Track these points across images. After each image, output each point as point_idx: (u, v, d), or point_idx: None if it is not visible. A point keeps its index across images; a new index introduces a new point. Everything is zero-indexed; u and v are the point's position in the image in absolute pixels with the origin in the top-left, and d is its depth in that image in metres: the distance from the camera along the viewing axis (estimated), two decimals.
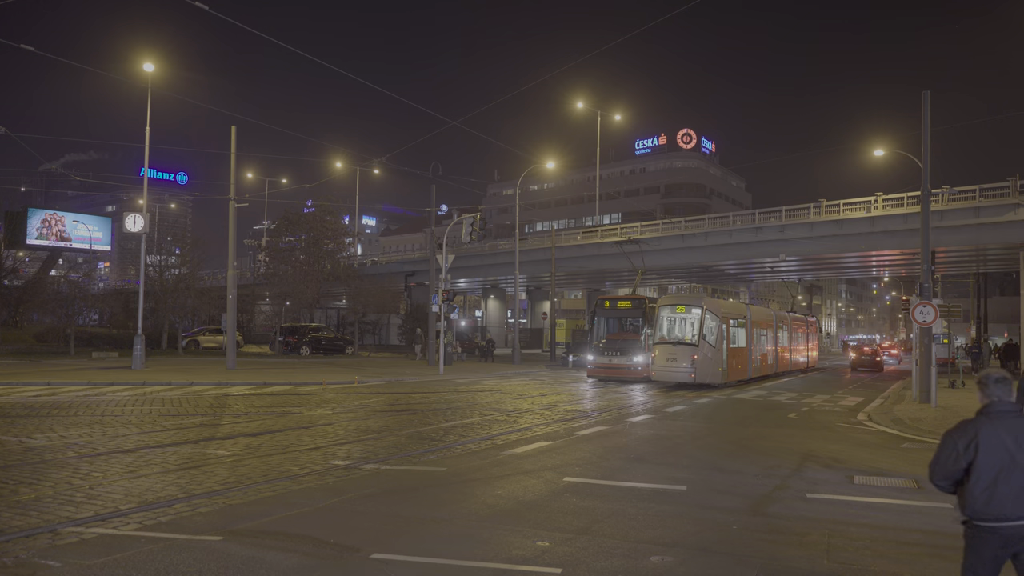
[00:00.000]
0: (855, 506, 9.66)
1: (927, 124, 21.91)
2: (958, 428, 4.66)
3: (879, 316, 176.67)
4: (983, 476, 4.48)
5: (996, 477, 4.46)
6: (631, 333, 32.23)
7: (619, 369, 31.27)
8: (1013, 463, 4.46)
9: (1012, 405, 4.66)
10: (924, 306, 20.20)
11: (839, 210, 47.54)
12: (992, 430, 4.54)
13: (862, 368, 49.20)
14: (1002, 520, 4.44)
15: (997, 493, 4.45)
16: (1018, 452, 4.48)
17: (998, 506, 4.45)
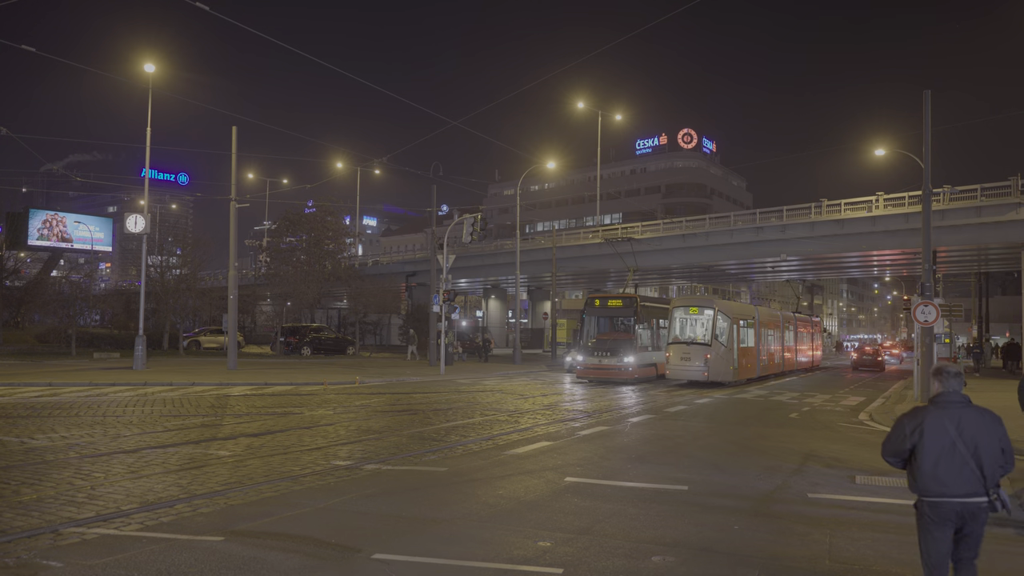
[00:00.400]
0: (857, 506, 9.66)
1: (928, 123, 21.90)
2: (910, 413, 5.35)
3: (880, 316, 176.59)
4: (928, 457, 5.14)
5: (939, 458, 5.11)
6: (622, 333, 31.22)
7: (609, 370, 29.94)
8: (954, 447, 5.10)
9: (961, 396, 5.26)
10: (925, 305, 20.19)
11: (840, 210, 47.54)
12: (937, 417, 5.18)
13: (863, 368, 49.16)
14: (945, 496, 5.09)
15: (939, 472, 5.09)
16: (958, 438, 5.10)
17: (941, 483, 5.10)
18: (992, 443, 5.13)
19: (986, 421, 5.22)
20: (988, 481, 5.09)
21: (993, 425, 5.21)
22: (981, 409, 5.28)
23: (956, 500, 5.10)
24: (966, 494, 5.08)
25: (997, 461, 5.12)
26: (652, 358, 32.13)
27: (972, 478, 5.09)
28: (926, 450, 5.15)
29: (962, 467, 5.10)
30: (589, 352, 30.59)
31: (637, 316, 30.66)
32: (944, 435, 5.14)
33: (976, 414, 5.23)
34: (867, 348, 55.21)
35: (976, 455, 5.10)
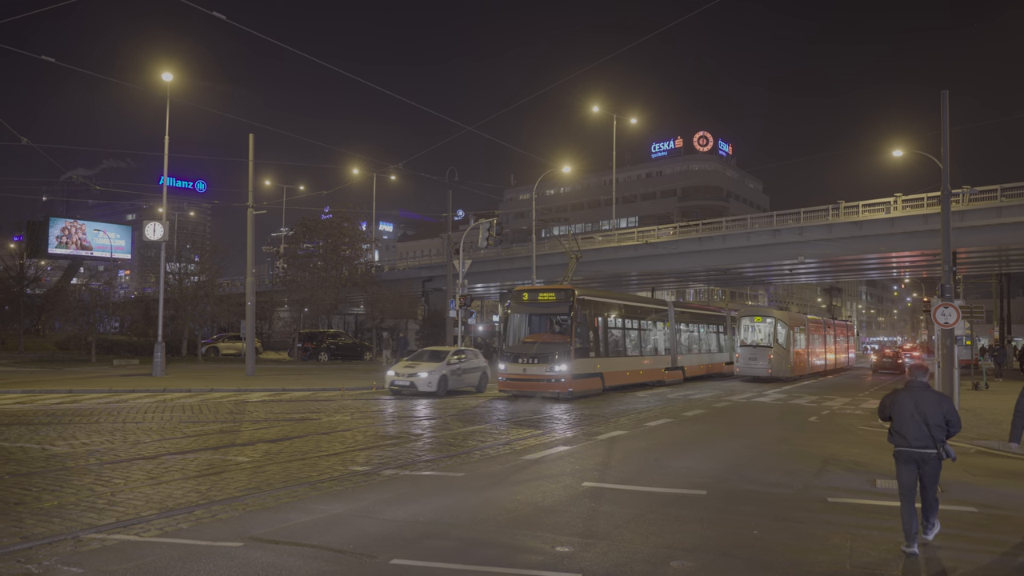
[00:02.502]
0: (878, 510, 9.57)
1: (946, 124, 21.71)
2: (890, 393, 8.28)
3: (900, 318, 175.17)
4: (897, 421, 7.97)
5: (903, 422, 7.90)
6: (556, 335, 25.28)
7: (536, 382, 23.93)
8: (912, 415, 7.84)
9: (922, 383, 8.08)
10: (946, 307, 19.99)
11: (858, 211, 47.21)
12: (905, 396, 8.01)
13: (884, 370, 48.79)
14: (907, 447, 7.88)
15: (903, 430, 7.89)
16: (915, 410, 7.84)
17: (903, 438, 7.89)
18: (937, 414, 7.79)
19: (937, 400, 7.92)
20: (935, 439, 7.76)
21: (941, 402, 7.89)
22: (935, 392, 8.04)
23: (913, 450, 7.84)
24: (921, 446, 7.79)
25: (940, 426, 7.77)
26: (597, 366, 26.15)
27: (923, 436, 7.78)
28: (897, 417, 7.97)
29: (918, 428, 7.81)
30: (511, 359, 24.63)
31: (574, 313, 24.66)
32: (906, 407, 7.92)
33: (931, 395, 7.96)
34: (887, 351, 54.76)
35: (926, 421, 7.78)
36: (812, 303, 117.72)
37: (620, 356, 28.70)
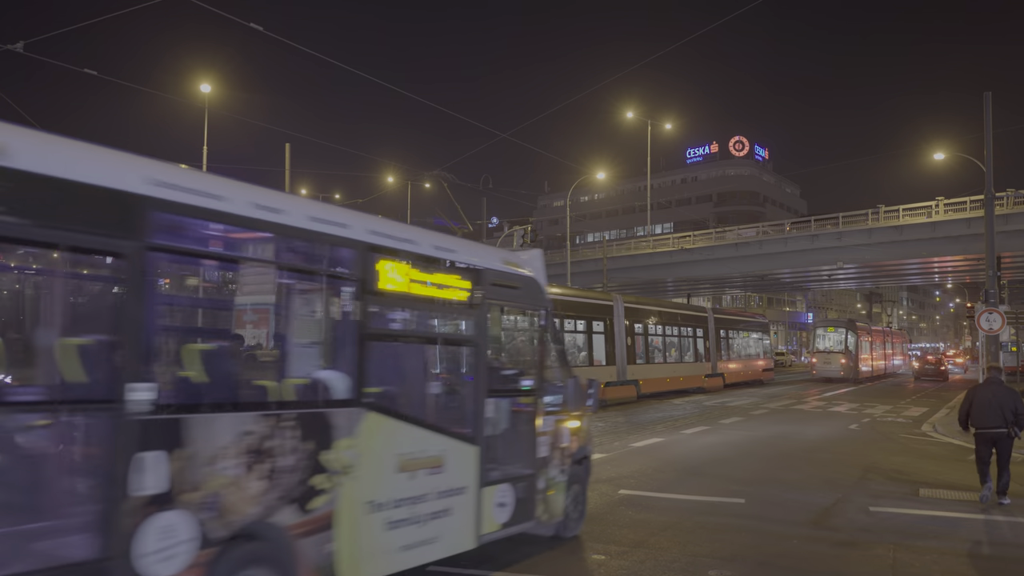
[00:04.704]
0: (921, 520, 9.37)
1: (989, 125, 21.31)
2: (970, 389, 10.74)
3: (943, 324, 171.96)
4: (977, 408, 10.27)
5: (982, 409, 10.20)
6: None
7: None
8: (990, 403, 10.14)
9: (998, 380, 10.63)
10: (990, 313, 19.59)
11: (898, 216, 46.46)
12: (984, 389, 10.47)
13: (926, 377, 47.94)
14: (985, 428, 10.20)
15: (984, 416, 10.18)
16: (993, 398, 10.16)
17: (984, 422, 10.19)
18: (1009, 403, 10.12)
19: (1010, 392, 10.36)
20: (1008, 421, 10.02)
21: (1013, 395, 10.29)
22: (1009, 387, 10.69)
23: (990, 430, 10.16)
24: (995, 426, 10.09)
25: (1012, 412, 10.05)
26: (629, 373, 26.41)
27: (999, 419, 10.06)
28: (976, 404, 10.30)
29: (994, 413, 10.09)
30: None
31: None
32: (985, 397, 10.25)
33: (1005, 388, 10.49)
34: (929, 357, 53.82)
35: (1001, 408, 10.09)
36: (851, 309, 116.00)
37: (656, 363, 28.67)
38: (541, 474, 7.58)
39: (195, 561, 4.34)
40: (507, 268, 7.52)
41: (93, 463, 4.16)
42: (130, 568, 4.02)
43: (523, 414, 7.61)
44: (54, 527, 4.03)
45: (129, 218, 4.16)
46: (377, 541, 5.67)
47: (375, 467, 5.65)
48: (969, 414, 10.30)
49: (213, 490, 4.48)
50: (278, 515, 4.90)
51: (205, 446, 4.45)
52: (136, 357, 4.14)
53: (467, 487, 6.58)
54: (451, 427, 6.65)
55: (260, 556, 4.79)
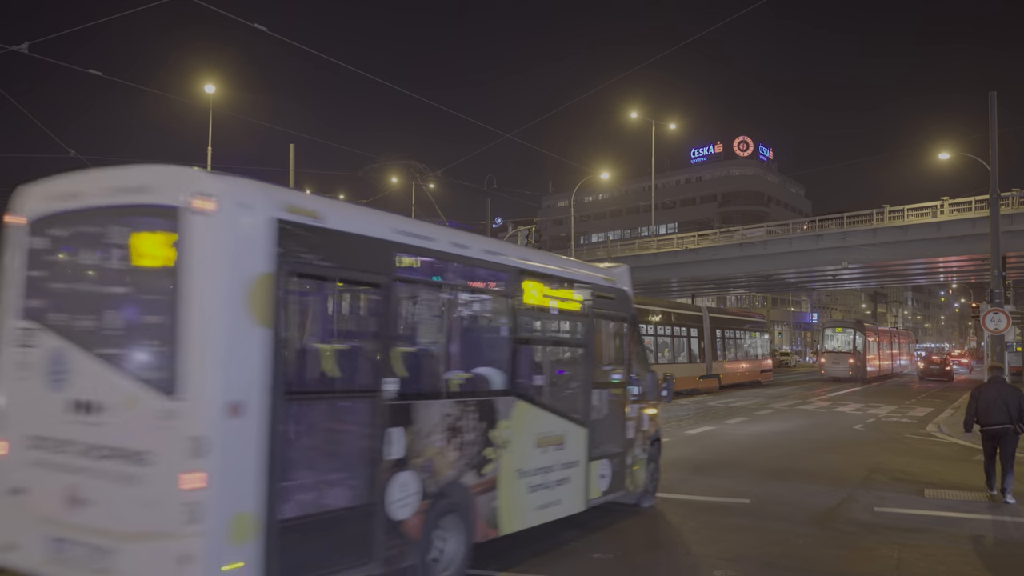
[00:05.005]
0: (926, 520, 9.37)
1: (994, 125, 21.26)
2: (976, 387, 10.96)
3: (948, 324, 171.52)
4: (983, 405, 10.57)
5: (988, 406, 10.51)
6: None
7: None
8: (995, 401, 10.45)
9: (1001, 378, 10.96)
10: (995, 313, 19.53)
11: (903, 216, 46.36)
12: (989, 387, 10.74)
13: (931, 377, 47.86)
14: (990, 424, 10.52)
15: (989, 412, 10.50)
16: (998, 396, 10.47)
17: (989, 418, 10.51)
18: (1014, 400, 10.44)
19: (1014, 391, 10.69)
20: (1012, 417, 10.36)
21: (1017, 393, 10.58)
22: (1012, 386, 11.00)
23: (995, 427, 10.47)
24: (1000, 423, 10.43)
25: (1016, 409, 10.38)
26: None
27: (1003, 415, 10.40)
28: (982, 401, 10.59)
29: (999, 410, 10.42)
30: None
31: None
32: (990, 395, 10.57)
33: (1009, 387, 10.83)
34: (934, 357, 53.73)
35: (1006, 405, 10.42)
36: (856, 309, 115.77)
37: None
38: (629, 452, 9.25)
39: (419, 509, 5.90)
40: (606, 283, 9.21)
41: (363, 436, 5.62)
42: (384, 512, 5.57)
43: (616, 403, 9.25)
44: (343, 479, 5.58)
45: (385, 256, 5.86)
46: (523, 501, 7.28)
47: (522, 443, 7.28)
48: (976, 413, 10.60)
49: (429, 457, 6.07)
50: (465, 477, 6.50)
51: (425, 424, 6.05)
52: (387, 359, 5.74)
53: (579, 461, 8.20)
54: (569, 412, 8.20)
55: (453, 507, 6.38)
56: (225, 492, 4.58)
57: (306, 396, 5.46)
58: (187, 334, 4.68)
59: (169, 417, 4.65)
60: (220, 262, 4.76)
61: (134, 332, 5.16)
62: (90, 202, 5.28)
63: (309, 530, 5.11)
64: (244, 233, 4.84)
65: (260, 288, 4.86)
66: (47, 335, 5.29)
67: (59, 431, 5.07)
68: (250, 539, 4.65)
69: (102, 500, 4.85)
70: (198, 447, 4.53)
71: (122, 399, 4.86)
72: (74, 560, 4.92)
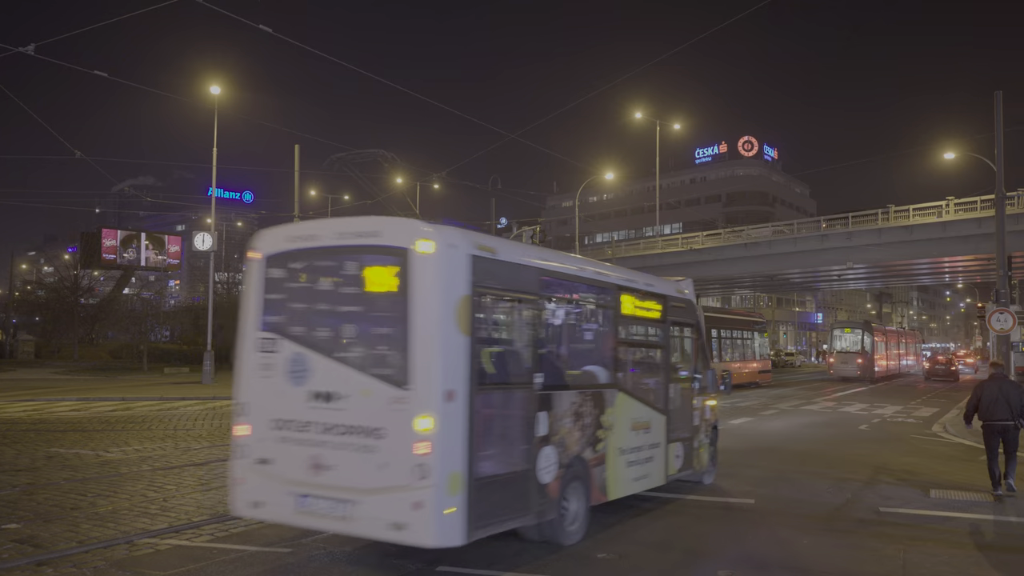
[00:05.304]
0: (932, 520, 9.35)
1: (1000, 124, 21.19)
2: (978, 384, 11.22)
3: (953, 324, 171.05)
4: (985, 402, 10.91)
5: (990, 403, 10.84)
6: None
7: None
8: (997, 398, 10.81)
9: (1003, 375, 11.29)
10: (1001, 313, 19.49)
11: (908, 215, 46.27)
12: (991, 384, 11.04)
13: (936, 377, 47.73)
14: (992, 420, 10.84)
15: (991, 409, 10.81)
16: (1000, 394, 10.83)
17: (991, 415, 10.82)
18: (1015, 396, 10.81)
19: (1015, 386, 11.07)
20: (1014, 413, 10.72)
21: (1019, 389, 11.03)
22: (1014, 382, 11.35)
23: (997, 422, 10.81)
24: (1002, 419, 10.76)
25: (1019, 404, 10.73)
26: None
27: (1005, 411, 10.75)
28: (984, 398, 10.92)
29: (1001, 407, 10.75)
30: None
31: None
32: (992, 392, 10.90)
33: (1010, 383, 11.17)
34: (940, 357, 53.58)
35: (1008, 401, 10.75)
36: (861, 309, 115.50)
37: None
38: (696, 437, 10.92)
39: (556, 475, 7.52)
40: (678, 294, 10.93)
41: (522, 418, 7.24)
42: (535, 476, 7.22)
43: (686, 395, 10.90)
44: (512, 449, 7.14)
45: (534, 279, 7.60)
46: (623, 473, 8.95)
47: (622, 426, 8.95)
48: (977, 408, 11.01)
49: (563, 435, 7.71)
50: (585, 452, 8.14)
51: (560, 409, 7.69)
52: (536, 358, 7.46)
53: (660, 443, 9.82)
54: (654, 402, 9.88)
55: (578, 476, 7.98)
56: (444, 456, 6.17)
57: (489, 387, 7.00)
58: (414, 341, 6.28)
59: (401, 402, 6.26)
60: (437, 287, 6.40)
61: (367, 340, 6.75)
62: (325, 242, 7.05)
63: (493, 487, 6.69)
64: (452, 266, 6.51)
65: (462, 306, 6.49)
66: (286, 343, 6.92)
67: (301, 415, 6.69)
68: (459, 491, 6.25)
69: (342, 465, 6.45)
70: (425, 423, 6.16)
71: (358, 390, 6.49)
72: (318, 511, 6.56)
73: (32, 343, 50.07)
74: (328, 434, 6.55)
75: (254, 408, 7.02)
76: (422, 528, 6.16)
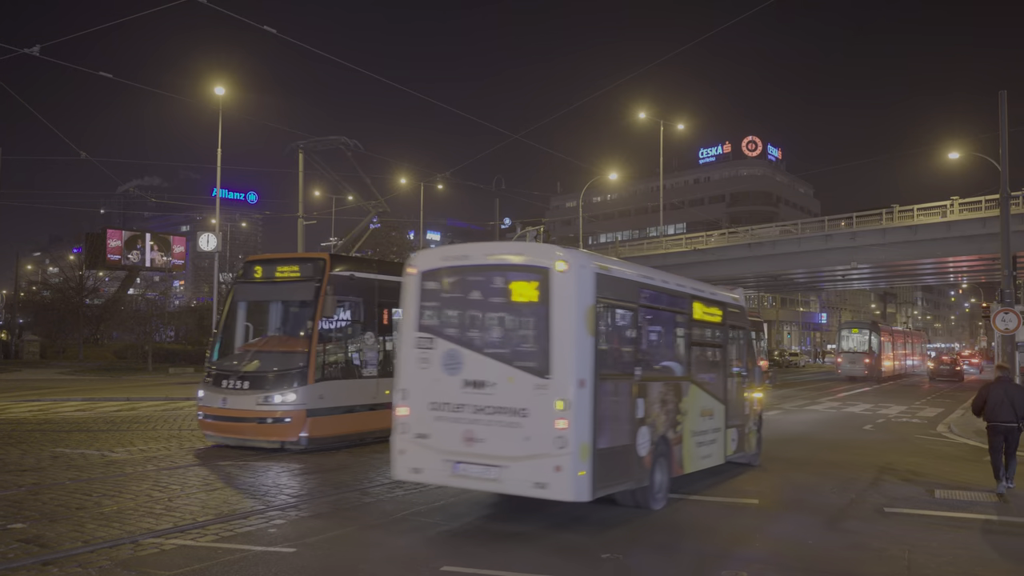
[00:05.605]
0: (937, 521, 9.34)
1: (1004, 124, 21.14)
2: (984, 386, 11.52)
3: (958, 324, 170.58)
4: (990, 403, 11.17)
5: (995, 405, 11.11)
6: (287, 340, 14.71)
7: (242, 423, 13.58)
8: (1002, 400, 11.08)
9: (1008, 378, 11.59)
10: (1006, 313, 19.44)
11: (913, 215, 46.19)
12: (996, 386, 11.31)
13: (941, 378, 47.62)
14: (997, 422, 11.13)
15: (996, 410, 11.09)
16: (1005, 396, 11.10)
17: (996, 416, 11.10)
18: (1020, 400, 11.06)
19: (1019, 390, 11.39)
20: (1018, 415, 10.99)
21: (1022, 391, 11.32)
22: (1019, 384, 12.43)
23: (1001, 424, 11.10)
24: (1006, 420, 11.06)
25: (1023, 406, 10.98)
26: (367, 392, 14.69)
27: (1009, 413, 11.02)
28: (990, 400, 11.19)
29: (1006, 409, 11.02)
30: (212, 381, 14.16)
31: (323, 297, 13.82)
32: (997, 393, 11.17)
33: (1015, 386, 11.64)
34: (945, 357, 53.46)
35: (1012, 404, 11.03)
36: (866, 309, 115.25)
37: None
38: (746, 424, 12.72)
39: (649, 451, 9.22)
40: (734, 301, 12.81)
41: (626, 402, 8.93)
42: (635, 450, 8.95)
43: (740, 388, 12.59)
44: (620, 427, 8.71)
45: (634, 291, 9.45)
46: (694, 452, 10.65)
47: (694, 412, 10.66)
48: (983, 409, 11.40)
49: (653, 418, 9.41)
50: (668, 432, 9.80)
51: (651, 396, 9.43)
52: (635, 353, 9.33)
53: (721, 428, 11.62)
54: (716, 393, 11.61)
55: (663, 452, 9.63)
56: (577, 430, 7.86)
57: (606, 377, 8.45)
58: (553, 341, 8.02)
59: (543, 388, 7.97)
60: (572, 298, 8.13)
61: (513, 339, 8.58)
62: (475, 261, 8.87)
63: (608, 456, 8.30)
64: (582, 281, 8.25)
65: (589, 313, 8.20)
66: (441, 341, 8.64)
67: (455, 399, 8.42)
68: (588, 459, 7.88)
69: (492, 438, 8.14)
70: (564, 405, 7.86)
71: (505, 378, 8.21)
72: (471, 474, 8.29)
73: (37, 343, 50.16)
74: (479, 414, 8.22)
75: (412, 393, 8.71)
76: (561, 486, 7.83)
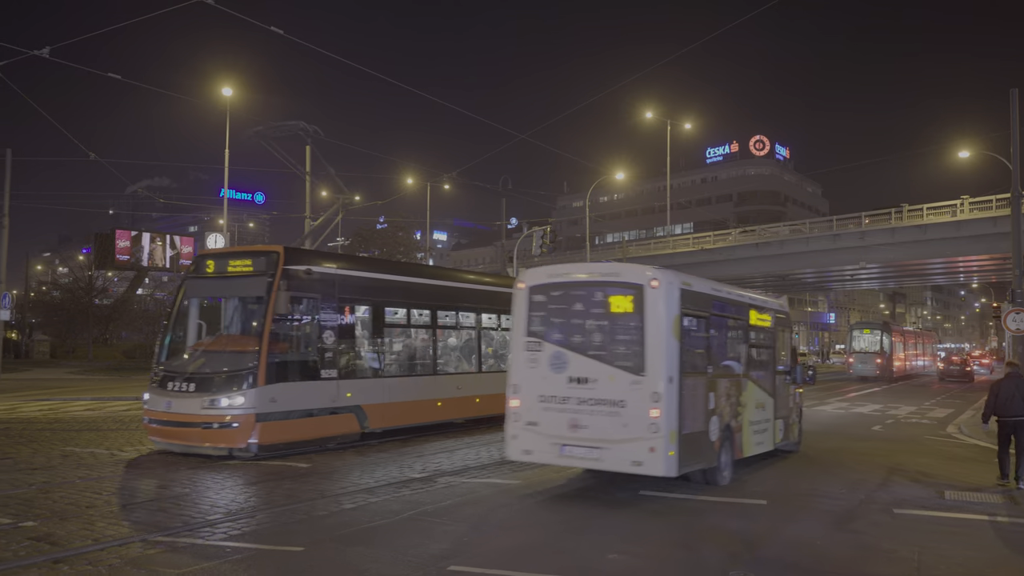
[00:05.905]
0: (947, 522, 9.29)
1: (1016, 122, 21.02)
2: (995, 382, 11.84)
3: (968, 324, 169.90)
4: (1002, 398, 11.52)
5: (1007, 400, 11.45)
6: (238, 339, 13.95)
7: (187, 428, 12.79)
8: (1013, 395, 11.40)
9: (1018, 374, 11.62)
10: (1017, 313, 19.34)
11: (922, 215, 45.99)
12: (1008, 381, 11.57)
13: (951, 378, 47.40)
14: (1007, 416, 11.45)
15: (1007, 405, 11.42)
16: (1016, 391, 11.40)
17: (1007, 410, 11.44)
18: None
19: None
20: None
21: None
22: None
23: (1010, 418, 11.40)
24: (1015, 415, 11.35)
25: None
26: (327, 394, 13.92)
27: (1020, 408, 11.32)
28: (1001, 395, 11.52)
29: (1017, 403, 11.34)
30: (157, 383, 13.39)
31: (279, 295, 13.06)
32: (1009, 389, 11.49)
33: None
34: (954, 358, 53.22)
35: (1023, 397, 11.31)
36: (874, 309, 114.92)
37: (397, 376, 16.17)
38: (790, 416, 14.25)
39: (718, 437, 10.84)
40: (780, 307, 14.40)
41: (702, 395, 10.50)
42: (707, 436, 10.56)
43: (785, 384, 14.06)
44: (697, 415, 10.29)
45: (708, 302, 11.13)
46: (751, 439, 12.26)
47: (751, 405, 12.24)
48: (995, 405, 11.69)
49: (721, 409, 11.02)
50: (731, 422, 11.42)
51: (719, 391, 11.04)
52: (708, 354, 11.06)
53: (771, 419, 13.12)
54: (767, 389, 13.10)
55: (728, 438, 11.25)
56: (668, 419, 9.47)
57: (687, 374, 9.97)
58: (648, 345, 9.68)
59: (638, 384, 9.61)
60: (662, 310, 9.78)
61: (611, 343, 10.08)
62: (577, 278, 10.72)
63: (689, 440, 9.86)
64: (671, 296, 9.90)
65: (676, 322, 9.83)
66: (548, 344, 10.33)
67: (561, 392, 10.05)
68: (675, 441, 9.49)
69: (594, 425, 9.73)
70: (656, 398, 9.49)
71: (606, 376, 9.83)
72: (576, 455, 9.98)
73: (47, 343, 50.41)
74: (583, 405, 9.83)
75: (523, 388, 10.38)
76: (655, 464, 9.44)
